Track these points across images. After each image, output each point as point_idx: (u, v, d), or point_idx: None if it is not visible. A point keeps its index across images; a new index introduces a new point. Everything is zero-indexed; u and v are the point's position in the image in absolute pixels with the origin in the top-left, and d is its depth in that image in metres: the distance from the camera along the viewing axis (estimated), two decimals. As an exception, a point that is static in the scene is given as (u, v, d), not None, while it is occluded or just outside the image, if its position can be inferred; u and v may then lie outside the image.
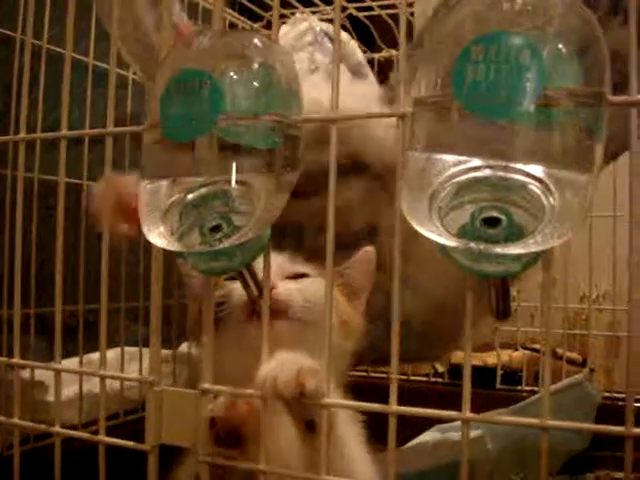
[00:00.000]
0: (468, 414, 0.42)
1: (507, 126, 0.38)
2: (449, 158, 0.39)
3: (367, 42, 1.35)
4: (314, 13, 1.31)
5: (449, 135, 0.39)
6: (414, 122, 0.41)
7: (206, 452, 0.49)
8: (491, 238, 0.38)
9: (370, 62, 1.32)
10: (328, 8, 1.29)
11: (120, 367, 1.06)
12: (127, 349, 1.08)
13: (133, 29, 0.82)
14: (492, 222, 0.38)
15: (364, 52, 1.32)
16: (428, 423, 1.10)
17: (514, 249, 0.37)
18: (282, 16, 1.33)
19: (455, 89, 0.38)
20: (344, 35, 1.25)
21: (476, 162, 0.38)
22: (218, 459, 0.50)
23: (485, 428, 1.06)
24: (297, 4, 1.31)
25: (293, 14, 1.32)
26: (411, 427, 1.07)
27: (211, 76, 0.43)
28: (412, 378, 1.31)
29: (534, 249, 0.37)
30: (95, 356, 1.04)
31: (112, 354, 1.16)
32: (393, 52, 1.33)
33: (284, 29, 1.25)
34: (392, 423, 0.44)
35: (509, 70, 0.36)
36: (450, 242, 0.37)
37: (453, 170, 0.39)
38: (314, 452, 0.47)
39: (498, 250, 0.37)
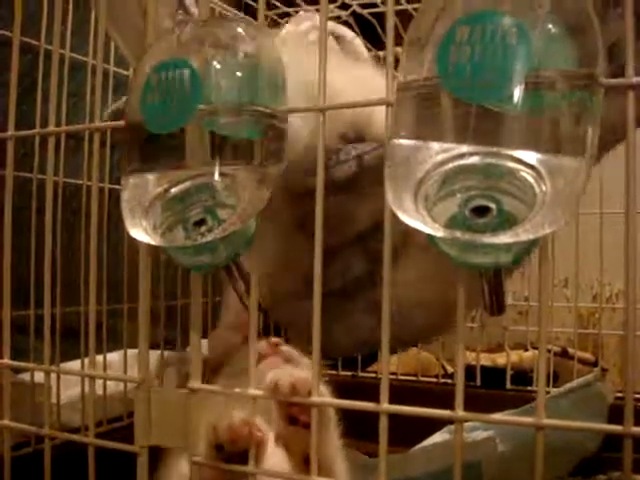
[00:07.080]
0: (461, 413, 0.41)
1: (496, 110, 0.36)
2: (435, 145, 0.37)
3: (372, 40, 1.33)
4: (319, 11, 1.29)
5: (435, 121, 0.38)
6: (399, 108, 0.39)
7: (198, 453, 0.49)
8: (480, 228, 0.36)
9: (376, 60, 1.30)
10: (332, 6, 1.27)
11: (124, 369, 1.05)
12: (133, 351, 1.06)
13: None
14: (481, 211, 0.37)
15: (369, 50, 1.30)
16: (440, 424, 1.08)
17: (503, 238, 0.35)
18: (286, 15, 1.32)
19: (440, 72, 0.36)
20: (349, 33, 1.23)
21: (464, 149, 0.37)
22: (210, 461, 0.49)
23: (496, 429, 1.04)
24: (300, 1, 1.30)
25: (297, 12, 1.31)
26: (423, 428, 1.05)
27: (191, 65, 0.42)
28: (421, 379, 1.29)
29: (524, 238, 0.35)
30: (99, 358, 1.04)
31: (117, 356, 1.15)
32: (399, 49, 1.31)
33: (287, 28, 1.24)
34: (383, 422, 0.43)
35: (495, 51, 0.35)
36: (436, 232, 0.36)
37: (440, 158, 0.37)
38: None
39: (486, 239, 0.35)
